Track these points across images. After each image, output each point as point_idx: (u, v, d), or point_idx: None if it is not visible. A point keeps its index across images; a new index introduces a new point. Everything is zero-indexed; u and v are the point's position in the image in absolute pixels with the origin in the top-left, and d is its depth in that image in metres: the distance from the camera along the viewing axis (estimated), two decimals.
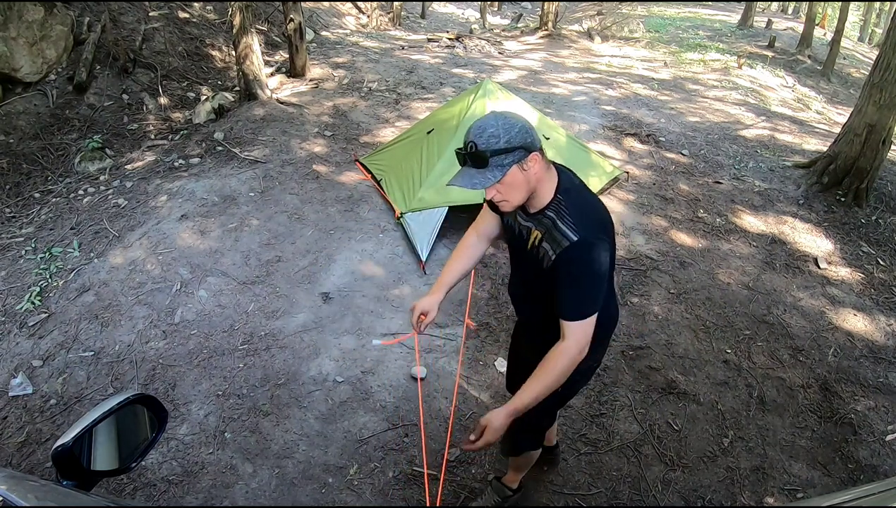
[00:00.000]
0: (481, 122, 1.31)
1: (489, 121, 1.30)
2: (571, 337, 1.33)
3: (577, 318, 1.33)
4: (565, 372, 1.33)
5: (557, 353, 1.34)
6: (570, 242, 1.30)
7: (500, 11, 19.66)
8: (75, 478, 1.00)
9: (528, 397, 1.32)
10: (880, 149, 4.47)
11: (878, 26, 23.62)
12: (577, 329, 1.33)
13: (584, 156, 4.38)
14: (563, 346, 1.33)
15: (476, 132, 1.30)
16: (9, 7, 4.79)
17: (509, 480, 2.03)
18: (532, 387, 1.33)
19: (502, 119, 1.31)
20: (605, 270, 1.34)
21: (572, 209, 1.34)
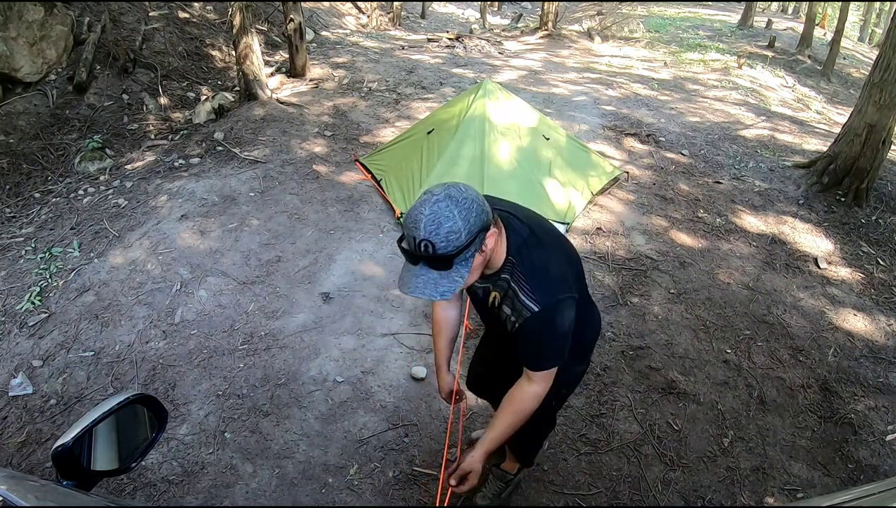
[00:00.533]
0: (432, 214, 1.07)
1: (442, 212, 1.06)
2: (536, 382, 1.36)
3: (541, 370, 1.36)
4: (531, 411, 1.38)
5: (524, 395, 1.37)
6: (531, 313, 1.25)
7: (500, 11, 19.66)
8: (75, 478, 1.00)
9: (497, 436, 1.39)
10: (880, 149, 4.47)
11: (878, 26, 23.62)
12: (542, 375, 1.36)
13: (584, 156, 4.38)
14: (529, 390, 1.37)
15: (429, 228, 1.07)
16: (9, 7, 4.79)
17: (509, 466, 2.04)
18: (500, 426, 1.39)
19: (455, 204, 1.08)
20: (570, 325, 1.31)
21: (528, 274, 1.25)
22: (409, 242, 1.12)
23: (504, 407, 1.40)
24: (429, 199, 1.09)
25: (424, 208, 1.08)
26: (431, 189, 1.12)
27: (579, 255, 1.48)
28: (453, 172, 3.62)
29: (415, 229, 1.09)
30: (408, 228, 1.11)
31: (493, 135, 3.72)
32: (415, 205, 1.11)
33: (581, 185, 4.05)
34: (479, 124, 3.73)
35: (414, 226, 1.09)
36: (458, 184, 1.13)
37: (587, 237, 3.84)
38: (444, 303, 1.59)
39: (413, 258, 1.14)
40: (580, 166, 4.22)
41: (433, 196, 1.09)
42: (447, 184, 1.12)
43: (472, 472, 1.36)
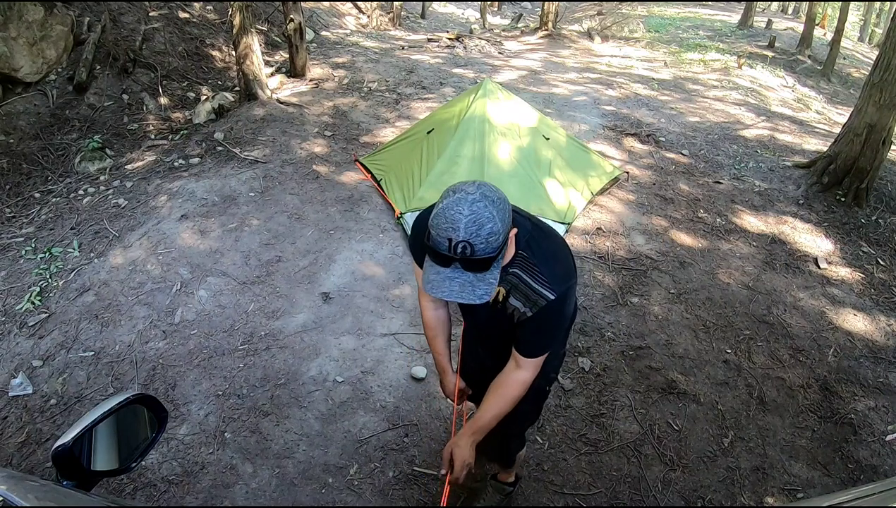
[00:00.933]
0: (472, 215, 1.02)
1: (483, 213, 1.02)
2: (527, 368, 1.37)
3: (535, 357, 1.37)
4: (518, 397, 1.40)
5: (511, 381, 1.39)
6: (547, 301, 1.25)
7: (500, 11, 19.65)
8: (75, 478, 1.00)
9: (485, 419, 1.39)
10: (880, 149, 4.47)
11: (878, 26, 23.62)
12: (532, 362, 1.37)
13: (584, 156, 4.38)
14: (517, 376, 1.38)
15: (471, 229, 1.02)
16: (9, 7, 4.79)
17: (505, 478, 2.04)
18: (489, 411, 1.39)
19: (492, 204, 1.04)
20: (573, 310, 1.37)
21: (541, 265, 1.25)
22: (441, 243, 1.05)
23: (491, 393, 1.40)
24: (464, 199, 1.03)
25: (462, 208, 1.02)
26: (462, 187, 1.06)
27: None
28: (453, 172, 3.62)
29: (452, 230, 1.02)
30: (440, 228, 1.04)
31: (493, 135, 3.72)
32: (447, 205, 1.04)
33: (581, 185, 4.05)
34: (479, 124, 3.73)
35: (451, 226, 1.02)
36: (485, 183, 1.09)
37: (587, 237, 3.84)
38: (434, 302, 1.55)
39: (445, 260, 1.07)
40: (580, 166, 4.22)
41: (468, 195, 1.04)
42: (477, 183, 1.07)
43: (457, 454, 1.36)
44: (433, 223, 1.06)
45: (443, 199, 1.07)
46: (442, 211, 1.05)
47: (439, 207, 1.06)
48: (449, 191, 1.08)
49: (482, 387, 1.90)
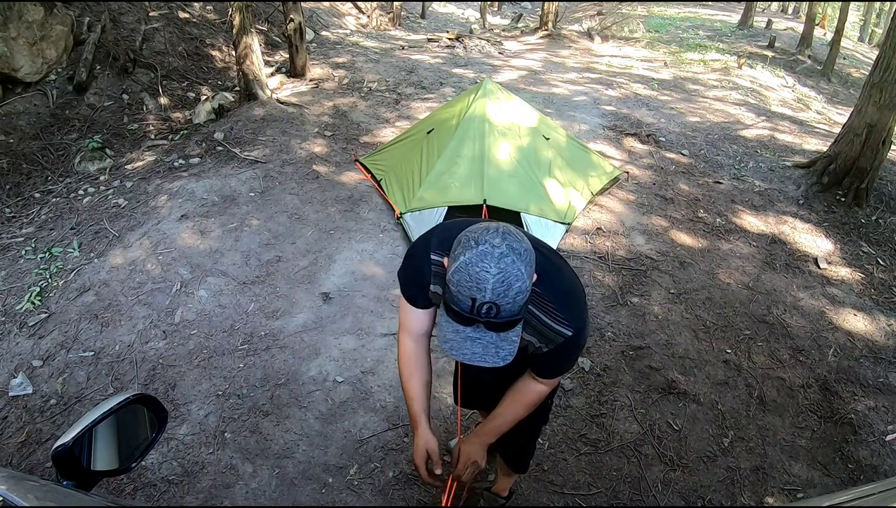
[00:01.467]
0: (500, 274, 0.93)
1: (511, 271, 0.93)
2: (543, 383, 1.36)
3: (554, 378, 1.37)
4: (534, 406, 1.39)
5: (530, 391, 1.37)
6: (564, 338, 1.21)
7: (500, 11, 19.65)
8: (75, 478, 1.00)
9: (498, 425, 1.38)
10: (880, 149, 4.47)
11: (878, 26, 23.62)
12: (551, 381, 1.37)
13: (584, 157, 4.38)
14: (536, 388, 1.36)
15: (498, 290, 0.93)
16: (9, 7, 4.79)
17: (500, 489, 2.04)
18: (503, 415, 1.38)
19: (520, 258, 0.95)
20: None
21: (556, 301, 1.17)
22: (463, 303, 0.96)
23: (509, 401, 1.38)
24: (490, 253, 0.93)
25: (489, 265, 0.92)
26: (485, 237, 0.95)
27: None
28: (453, 172, 3.62)
29: (477, 290, 0.93)
30: (463, 286, 0.94)
31: (493, 135, 3.72)
32: (471, 261, 0.93)
33: (581, 185, 4.05)
34: (479, 124, 3.73)
35: (476, 286, 0.93)
36: (509, 229, 0.99)
37: (587, 237, 3.84)
38: (417, 331, 1.36)
39: (467, 321, 0.98)
40: (580, 166, 4.22)
41: (494, 249, 0.93)
42: (501, 231, 0.97)
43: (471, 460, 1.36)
44: (454, 279, 0.96)
45: (464, 251, 0.95)
46: (465, 267, 0.94)
47: (461, 261, 0.94)
48: (470, 242, 0.95)
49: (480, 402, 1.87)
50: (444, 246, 1.19)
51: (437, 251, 1.22)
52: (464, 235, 0.99)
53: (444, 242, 1.20)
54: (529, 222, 3.49)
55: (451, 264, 0.97)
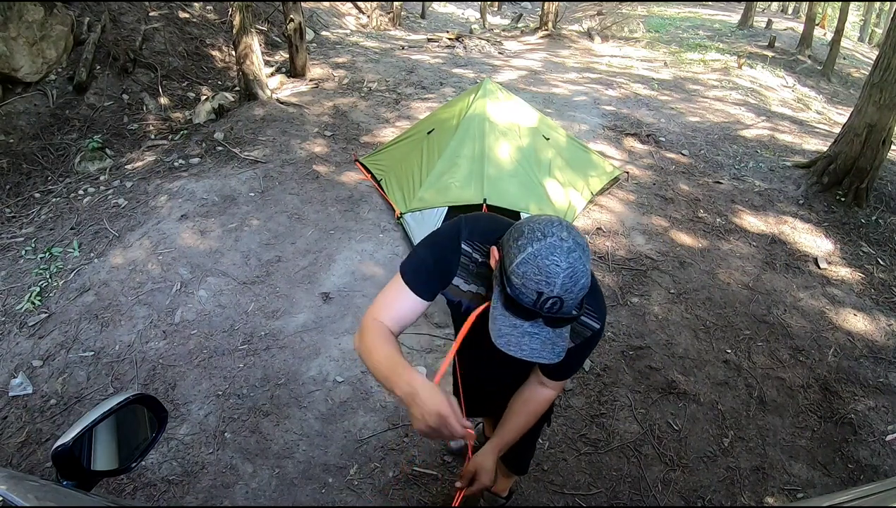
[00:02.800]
0: (570, 268, 0.90)
1: (579, 267, 0.91)
2: (552, 387, 1.35)
3: (567, 379, 1.36)
4: (543, 412, 1.38)
5: (539, 398, 1.36)
6: (592, 331, 1.19)
7: (500, 11, 19.65)
8: (75, 478, 1.00)
9: (510, 435, 1.37)
10: (880, 149, 4.46)
11: (878, 26, 23.62)
12: (559, 383, 1.36)
13: (584, 156, 4.38)
14: (545, 393, 1.36)
15: (567, 285, 0.91)
16: (9, 7, 4.79)
17: (500, 489, 2.03)
18: (514, 426, 1.37)
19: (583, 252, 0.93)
20: None
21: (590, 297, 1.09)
22: (527, 296, 0.92)
23: (517, 410, 1.37)
24: (559, 246, 0.90)
25: (559, 259, 0.90)
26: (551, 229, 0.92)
27: None
28: (453, 172, 3.62)
29: (546, 284, 0.90)
30: (530, 279, 0.91)
31: (493, 135, 3.72)
32: (540, 252, 0.90)
33: (581, 185, 4.05)
34: (479, 124, 3.73)
35: (545, 280, 0.90)
36: (569, 224, 0.96)
37: (587, 237, 3.84)
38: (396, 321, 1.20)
39: (528, 314, 0.95)
40: (580, 166, 4.22)
41: (562, 242, 0.91)
42: (564, 224, 0.94)
43: (481, 472, 1.35)
44: (520, 271, 0.92)
45: (530, 242, 0.92)
46: (533, 258, 0.91)
47: (528, 253, 0.91)
48: (536, 233, 0.93)
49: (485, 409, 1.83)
50: (475, 236, 1.16)
51: (470, 241, 1.16)
52: (526, 226, 0.96)
53: (477, 233, 1.16)
54: None
55: (516, 255, 0.93)
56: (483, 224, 1.18)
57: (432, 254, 1.19)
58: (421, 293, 1.19)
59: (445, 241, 1.19)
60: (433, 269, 1.19)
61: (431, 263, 1.18)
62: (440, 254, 1.18)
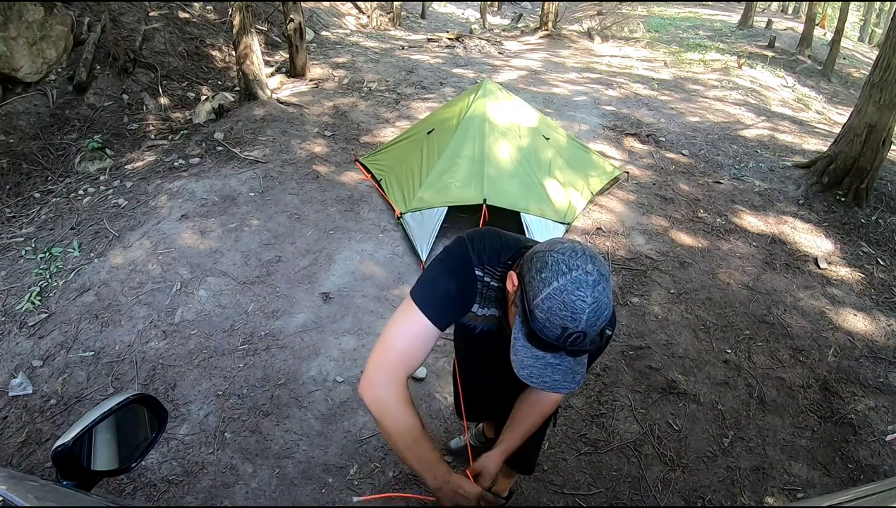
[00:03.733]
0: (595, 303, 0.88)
1: (603, 300, 0.89)
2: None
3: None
4: (549, 413, 1.38)
5: (549, 401, 1.35)
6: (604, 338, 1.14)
7: (500, 11, 19.65)
8: (75, 478, 1.00)
9: (517, 438, 1.36)
10: (880, 149, 4.47)
11: (878, 26, 23.62)
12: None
13: (584, 157, 4.38)
14: (554, 397, 1.34)
15: (591, 319, 0.89)
16: (9, 7, 4.79)
17: (500, 489, 2.03)
18: (521, 429, 1.36)
19: (607, 281, 0.91)
20: None
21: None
22: (552, 332, 0.90)
23: (524, 411, 1.36)
24: (585, 281, 0.88)
25: (585, 295, 0.88)
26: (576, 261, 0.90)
27: None
28: (453, 172, 3.62)
29: (571, 320, 0.88)
30: (555, 315, 0.89)
31: (493, 135, 3.72)
32: (565, 287, 0.88)
33: (581, 185, 4.05)
34: (479, 124, 3.73)
35: (571, 317, 0.88)
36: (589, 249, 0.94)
37: (587, 237, 3.84)
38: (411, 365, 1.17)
39: (552, 348, 0.93)
40: (580, 166, 4.22)
41: (587, 275, 0.88)
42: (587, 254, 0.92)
43: (485, 472, 1.34)
44: (545, 306, 0.90)
45: (556, 276, 0.89)
46: (558, 294, 0.88)
47: (553, 288, 0.89)
48: (561, 266, 0.90)
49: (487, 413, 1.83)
50: (485, 260, 1.12)
51: (481, 266, 1.12)
52: (549, 257, 0.92)
53: (486, 256, 1.13)
54: (529, 222, 3.49)
55: (540, 289, 0.90)
56: (490, 244, 1.14)
57: (456, 284, 1.13)
58: (440, 324, 1.13)
59: (461, 269, 1.14)
60: (455, 299, 1.14)
61: (455, 293, 1.13)
62: (461, 284, 1.13)
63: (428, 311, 1.11)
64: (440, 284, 1.14)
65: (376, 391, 1.15)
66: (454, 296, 1.13)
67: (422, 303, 1.12)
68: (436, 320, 1.12)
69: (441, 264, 1.16)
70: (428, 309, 1.11)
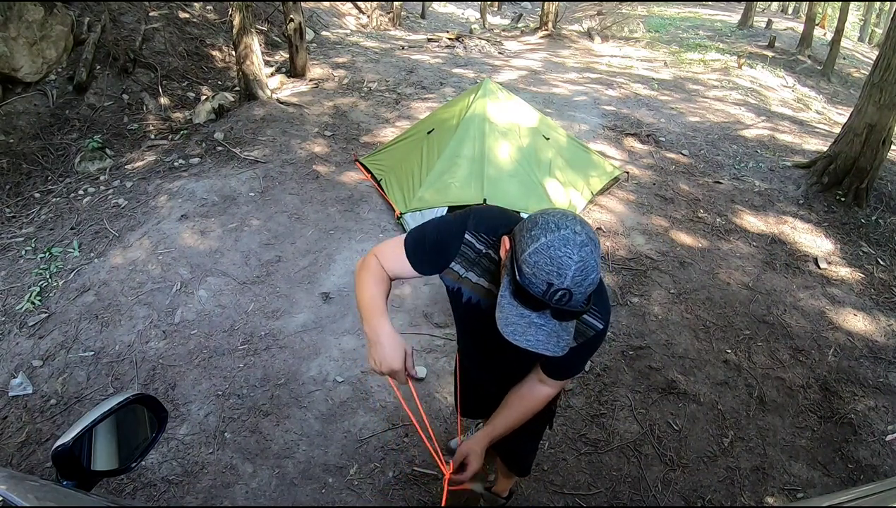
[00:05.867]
0: (581, 262, 0.90)
1: (590, 260, 0.92)
2: (550, 385, 1.34)
3: (568, 378, 1.34)
4: (539, 409, 1.37)
5: (536, 394, 1.34)
6: (596, 331, 1.17)
7: (500, 11, 19.65)
8: (75, 478, 1.00)
9: (502, 426, 1.35)
10: (880, 149, 4.47)
11: (878, 26, 23.62)
12: (562, 382, 1.34)
13: (584, 156, 4.38)
14: (542, 390, 1.34)
15: (577, 278, 0.91)
16: (9, 7, 4.79)
17: (500, 489, 2.03)
18: (507, 419, 1.35)
19: (596, 247, 0.94)
20: None
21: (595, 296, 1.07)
22: (537, 286, 0.92)
23: (513, 403, 1.36)
24: (572, 239, 0.91)
25: (571, 252, 0.90)
26: (564, 222, 0.93)
27: None
28: (453, 172, 3.62)
29: (556, 276, 0.90)
30: (541, 269, 0.91)
31: (493, 135, 3.72)
32: (552, 243, 0.91)
33: (581, 185, 4.05)
34: (479, 124, 3.73)
35: (556, 271, 0.90)
36: (582, 218, 0.97)
37: None
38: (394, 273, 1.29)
39: (537, 305, 0.95)
40: (580, 166, 4.22)
41: (575, 235, 0.91)
42: (577, 219, 0.95)
43: (471, 457, 1.33)
44: (531, 260, 0.92)
45: (544, 232, 0.93)
46: (545, 249, 0.91)
47: (541, 243, 0.92)
48: (550, 225, 0.93)
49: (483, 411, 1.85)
50: (481, 227, 1.18)
51: (475, 232, 1.18)
52: (540, 217, 0.96)
53: (483, 224, 1.19)
54: None
55: (528, 245, 0.93)
56: (491, 216, 1.21)
57: (435, 233, 1.24)
58: (414, 264, 1.26)
59: (451, 226, 1.22)
60: (429, 249, 1.23)
61: (429, 242, 1.24)
62: (441, 236, 1.22)
63: (406, 247, 1.26)
64: (425, 230, 1.26)
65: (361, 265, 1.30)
66: (429, 245, 1.23)
67: (406, 240, 1.27)
68: (410, 256, 1.25)
69: (440, 217, 1.30)
70: (407, 246, 1.25)
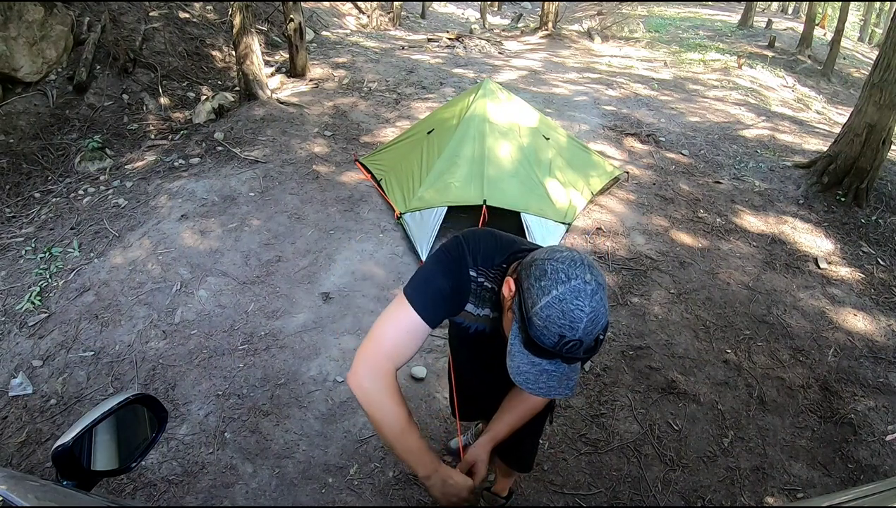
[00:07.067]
0: (593, 313, 0.90)
1: (600, 308, 0.91)
2: None
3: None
4: (540, 408, 1.37)
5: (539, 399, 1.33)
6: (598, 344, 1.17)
7: (500, 11, 19.65)
8: (75, 478, 1.00)
9: (505, 429, 1.35)
10: (880, 149, 4.47)
11: (878, 26, 23.61)
12: None
13: (584, 157, 4.38)
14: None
15: (588, 328, 0.91)
16: (9, 7, 4.79)
17: (500, 489, 2.03)
18: (509, 422, 1.35)
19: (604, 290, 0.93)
20: None
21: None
22: (549, 339, 0.91)
23: (513, 405, 1.36)
24: (583, 290, 0.90)
25: (584, 304, 0.89)
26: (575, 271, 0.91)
27: None
28: (453, 172, 3.62)
29: (569, 329, 0.90)
30: (553, 323, 0.90)
31: (493, 135, 3.72)
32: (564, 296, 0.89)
33: (581, 185, 4.05)
34: (479, 124, 3.73)
35: (569, 325, 0.89)
36: (589, 260, 0.95)
37: (587, 237, 3.84)
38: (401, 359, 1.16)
39: (547, 354, 0.94)
40: (580, 166, 4.22)
41: (586, 285, 0.90)
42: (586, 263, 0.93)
43: (478, 462, 1.33)
44: (543, 314, 0.91)
45: (554, 284, 0.90)
46: (557, 302, 0.89)
47: (553, 296, 0.90)
48: (560, 275, 0.91)
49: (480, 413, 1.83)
50: (479, 261, 1.14)
51: (476, 267, 1.14)
52: (549, 264, 0.93)
53: (481, 257, 1.14)
54: (529, 222, 3.49)
55: (539, 298, 0.92)
56: (485, 245, 1.15)
57: (450, 283, 1.14)
58: (431, 322, 1.14)
59: (455, 268, 1.14)
60: (448, 298, 1.15)
61: (449, 292, 1.14)
62: (456, 282, 1.14)
63: (419, 308, 1.12)
64: (434, 282, 1.14)
65: (362, 381, 1.13)
66: (447, 295, 1.14)
67: (414, 300, 1.13)
68: (427, 317, 1.13)
69: (436, 262, 1.17)
70: (419, 306, 1.12)
